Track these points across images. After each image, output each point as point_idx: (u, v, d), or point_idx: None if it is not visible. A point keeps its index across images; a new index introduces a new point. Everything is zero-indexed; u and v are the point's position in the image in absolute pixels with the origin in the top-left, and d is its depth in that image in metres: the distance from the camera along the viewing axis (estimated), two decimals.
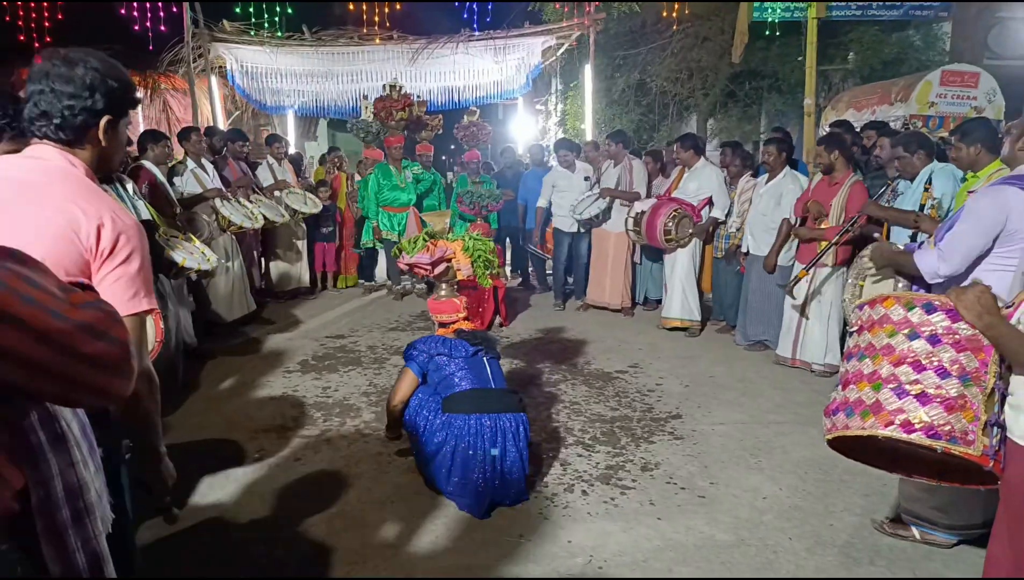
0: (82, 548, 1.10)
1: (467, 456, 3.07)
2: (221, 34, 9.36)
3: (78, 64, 1.50)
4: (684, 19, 10.95)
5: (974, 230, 2.56)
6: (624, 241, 6.76)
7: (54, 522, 1.05)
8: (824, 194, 4.87)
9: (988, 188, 2.64)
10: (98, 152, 1.58)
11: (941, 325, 1.97)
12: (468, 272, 3.70)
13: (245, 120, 11.09)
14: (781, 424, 4.16)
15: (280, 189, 7.08)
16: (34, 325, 0.89)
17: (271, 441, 3.86)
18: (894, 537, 2.91)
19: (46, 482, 1.03)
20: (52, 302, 0.92)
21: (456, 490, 3.13)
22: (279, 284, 7.52)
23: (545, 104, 15.59)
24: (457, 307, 3.69)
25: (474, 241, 3.74)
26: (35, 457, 1.02)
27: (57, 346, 0.92)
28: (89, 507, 1.13)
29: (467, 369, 3.29)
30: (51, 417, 1.07)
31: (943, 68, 8.47)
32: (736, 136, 11.62)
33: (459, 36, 9.73)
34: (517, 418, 3.20)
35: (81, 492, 1.11)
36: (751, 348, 5.69)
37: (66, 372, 0.95)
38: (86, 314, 0.97)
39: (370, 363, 5.33)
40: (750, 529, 3.00)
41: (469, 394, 3.23)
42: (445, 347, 3.37)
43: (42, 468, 1.03)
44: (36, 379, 0.93)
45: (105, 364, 0.99)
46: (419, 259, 3.68)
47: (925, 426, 1.93)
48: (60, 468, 1.06)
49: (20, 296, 0.88)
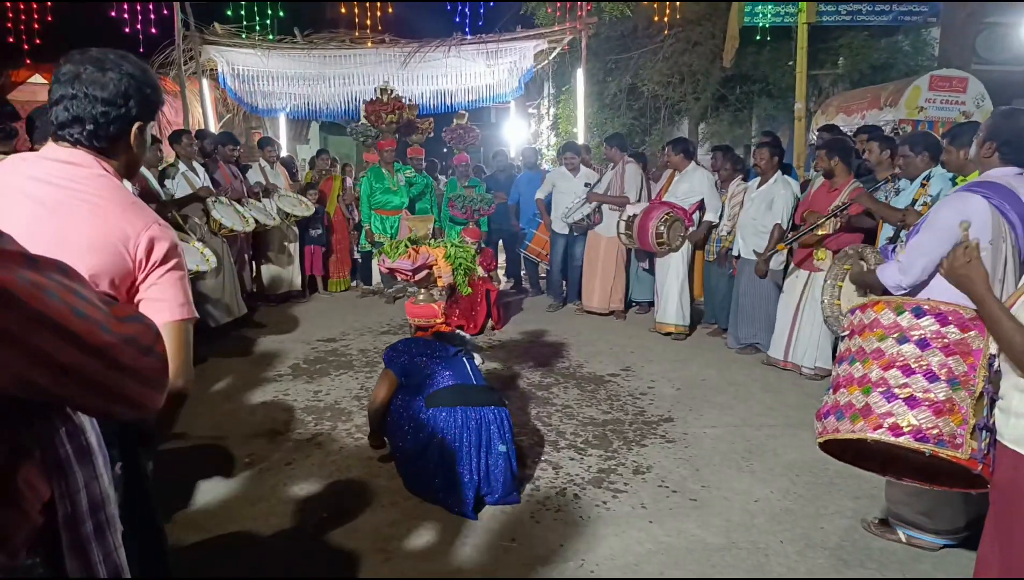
0: (104, 561, 1.09)
1: (452, 449, 3.12)
2: (212, 36, 9.33)
3: (111, 68, 1.48)
4: (675, 23, 11.00)
5: (933, 240, 2.56)
6: (615, 245, 6.78)
7: (79, 535, 1.04)
8: (824, 199, 4.88)
9: (952, 196, 2.63)
10: (127, 158, 1.58)
11: (930, 329, 1.98)
12: (449, 279, 3.71)
13: (236, 123, 11.05)
14: (772, 427, 4.17)
15: (272, 192, 7.07)
16: (88, 340, 0.89)
17: (262, 445, 3.84)
18: (883, 539, 2.92)
19: (73, 495, 1.03)
20: (100, 315, 0.92)
21: (442, 488, 3.15)
22: (271, 287, 7.49)
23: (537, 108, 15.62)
24: (435, 312, 3.72)
25: (456, 249, 3.74)
26: (63, 470, 1.02)
27: (107, 360, 0.92)
28: (110, 519, 1.13)
29: (450, 368, 3.35)
30: (77, 429, 1.07)
31: (932, 73, 8.53)
32: (727, 140, 11.69)
33: (451, 40, 9.74)
34: (499, 412, 3.25)
35: (103, 505, 1.11)
36: (743, 351, 5.71)
37: (112, 386, 0.95)
38: (131, 328, 0.97)
39: (361, 367, 5.32)
40: (741, 532, 3.00)
41: (452, 389, 3.29)
42: (428, 349, 3.42)
43: (70, 481, 1.03)
44: (86, 393, 0.93)
45: (148, 378, 0.99)
46: (400, 265, 3.70)
47: (913, 429, 1.94)
48: (85, 481, 1.06)
49: (74, 310, 0.88)
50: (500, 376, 5.07)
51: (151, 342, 1.00)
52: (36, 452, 0.98)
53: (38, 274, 0.84)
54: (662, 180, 6.61)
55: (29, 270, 0.84)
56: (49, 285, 0.85)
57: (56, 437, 1.01)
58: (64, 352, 0.86)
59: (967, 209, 2.45)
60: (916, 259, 2.63)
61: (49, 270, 0.87)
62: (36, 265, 0.86)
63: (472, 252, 3.81)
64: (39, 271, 0.85)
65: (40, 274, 0.85)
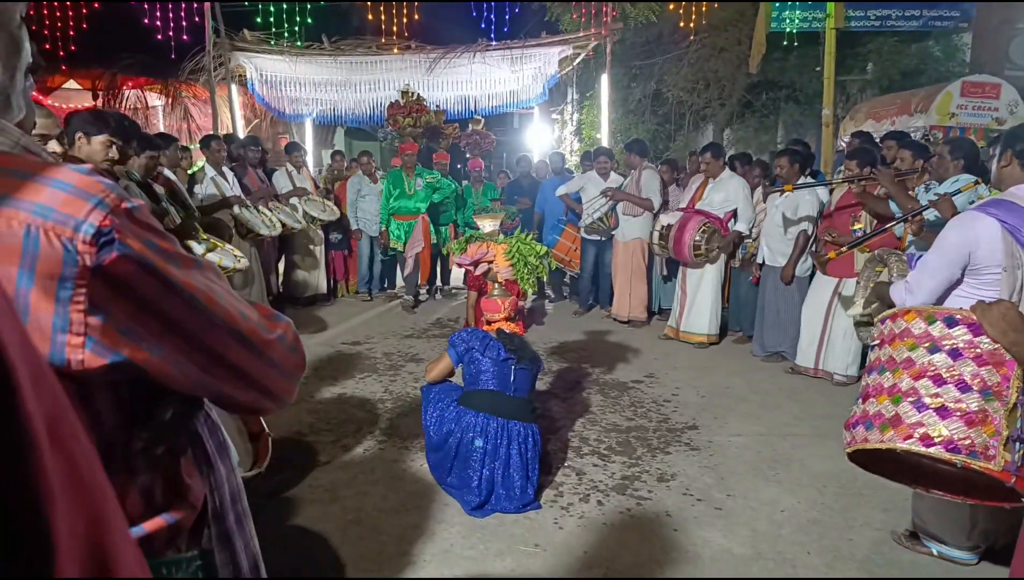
0: (244, 551, 1.12)
1: (469, 450, 3.21)
2: (241, 43, 9.47)
3: None
4: (701, 29, 10.94)
5: (940, 262, 2.50)
6: (630, 251, 6.76)
7: (225, 528, 1.07)
8: (848, 212, 4.82)
9: (962, 216, 2.55)
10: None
11: (962, 339, 1.95)
12: (508, 275, 3.73)
13: (263, 128, 11.21)
14: (799, 436, 4.13)
15: (298, 196, 7.16)
16: (253, 339, 0.92)
17: (287, 448, 3.87)
18: (913, 552, 2.88)
19: (219, 489, 1.06)
20: (255, 315, 0.94)
21: (455, 482, 3.29)
22: (297, 290, 7.57)
23: (561, 113, 15.64)
24: (498, 307, 3.72)
25: (520, 244, 3.74)
26: (211, 465, 1.05)
27: (267, 359, 0.95)
28: (246, 510, 1.17)
29: (494, 370, 3.37)
30: (215, 425, 1.10)
31: (964, 79, 8.39)
32: (753, 146, 11.59)
33: (476, 45, 9.78)
34: (527, 427, 3.29)
35: (239, 496, 1.14)
36: (768, 359, 5.65)
37: (268, 382, 0.97)
38: (280, 326, 1.00)
39: (386, 370, 5.35)
40: (768, 542, 2.97)
41: (487, 394, 3.34)
42: (481, 343, 3.44)
43: (216, 476, 1.06)
44: (247, 390, 0.95)
45: (292, 374, 1.02)
46: (462, 260, 3.80)
47: (944, 440, 1.91)
48: (226, 474, 1.09)
49: (240, 312, 0.90)
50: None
51: (294, 339, 1.03)
52: (189, 449, 1.01)
53: (204, 276, 0.87)
54: (692, 187, 6.38)
55: (199, 272, 0.86)
56: (215, 287, 0.88)
57: (201, 433, 1.04)
58: (235, 352, 0.90)
59: (976, 230, 2.38)
60: (924, 280, 2.57)
61: (209, 271, 0.89)
62: (201, 267, 0.88)
63: (541, 249, 3.79)
64: (204, 272, 0.87)
65: (204, 276, 0.87)
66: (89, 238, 0.73)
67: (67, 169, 0.77)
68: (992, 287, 2.42)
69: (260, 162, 7.11)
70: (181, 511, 0.96)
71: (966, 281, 2.51)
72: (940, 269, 2.51)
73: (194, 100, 10.24)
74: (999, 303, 1.87)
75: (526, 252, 3.71)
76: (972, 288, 2.48)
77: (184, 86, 9.86)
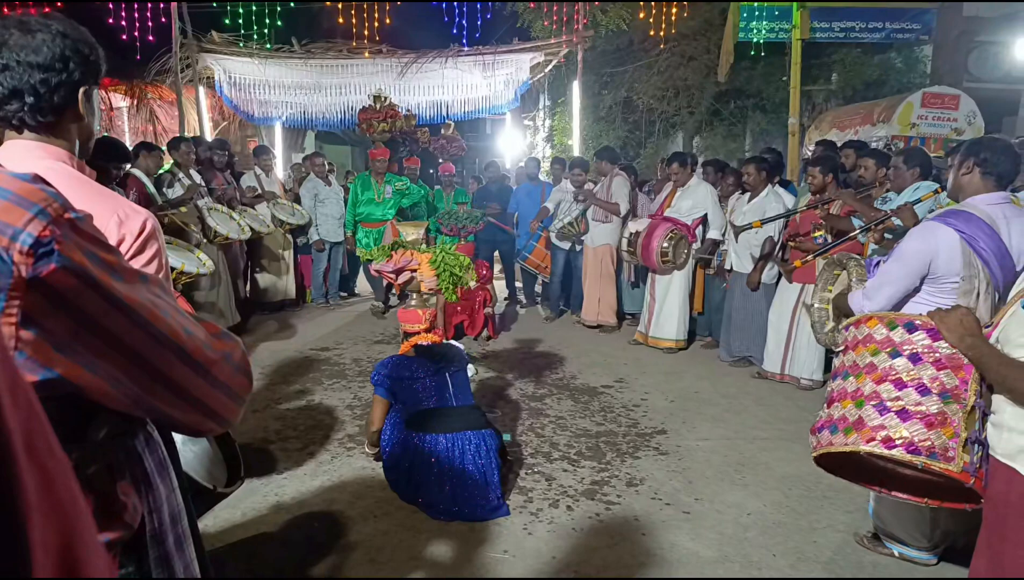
0: (184, 572, 1.10)
1: (422, 473, 3.18)
2: (209, 45, 9.33)
3: (39, 29, 1.21)
4: (671, 38, 11.07)
5: (900, 271, 2.57)
6: (599, 257, 6.81)
7: (164, 549, 1.05)
8: (813, 214, 4.91)
9: (921, 226, 2.61)
10: (79, 129, 1.31)
11: (922, 344, 1.99)
12: (432, 285, 3.70)
13: (232, 131, 11.04)
14: (765, 440, 4.18)
15: (267, 200, 7.07)
16: (196, 358, 0.89)
17: (253, 455, 3.81)
18: (875, 553, 2.93)
19: (158, 509, 1.03)
20: (201, 333, 0.91)
21: (418, 499, 3.24)
22: (265, 296, 7.47)
23: (533, 119, 15.70)
24: (419, 318, 3.69)
25: (444, 254, 3.73)
26: (150, 484, 1.02)
27: (211, 378, 0.92)
28: (186, 532, 1.14)
29: (432, 386, 3.36)
30: (155, 443, 1.07)
31: (924, 90, 8.62)
32: (721, 154, 11.75)
33: (448, 51, 9.77)
34: (478, 435, 3.25)
35: (180, 518, 1.11)
36: (736, 364, 5.71)
37: (211, 402, 0.94)
38: (226, 345, 0.97)
39: (355, 376, 5.30)
40: (734, 545, 3.00)
41: (431, 413, 3.32)
42: (407, 370, 3.42)
43: (155, 495, 1.03)
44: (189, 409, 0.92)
45: (237, 394, 1.00)
46: (383, 266, 3.74)
47: (905, 442, 1.95)
48: (166, 494, 1.06)
49: (184, 328, 0.87)
50: (494, 386, 5.07)
51: (242, 359, 1.00)
52: (127, 467, 0.98)
53: (149, 291, 0.84)
54: (662, 194, 6.48)
55: (144, 286, 0.83)
56: (160, 302, 0.85)
57: (140, 452, 1.01)
58: (178, 371, 0.87)
59: (937, 240, 2.44)
60: (882, 287, 2.62)
61: (154, 285, 0.86)
62: (146, 281, 0.85)
63: (464, 260, 3.79)
64: (149, 287, 0.85)
65: (150, 290, 0.84)
66: (26, 249, 0.70)
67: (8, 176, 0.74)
68: (950, 295, 2.47)
69: (228, 165, 7.01)
70: (115, 531, 0.93)
71: (925, 289, 2.57)
72: (900, 278, 2.56)
73: (160, 102, 10.06)
74: (956, 309, 1.91)
75: (451, 262, 3.70)
76: (931, 295, 2.54)
77: (150, 87, 9.68)
